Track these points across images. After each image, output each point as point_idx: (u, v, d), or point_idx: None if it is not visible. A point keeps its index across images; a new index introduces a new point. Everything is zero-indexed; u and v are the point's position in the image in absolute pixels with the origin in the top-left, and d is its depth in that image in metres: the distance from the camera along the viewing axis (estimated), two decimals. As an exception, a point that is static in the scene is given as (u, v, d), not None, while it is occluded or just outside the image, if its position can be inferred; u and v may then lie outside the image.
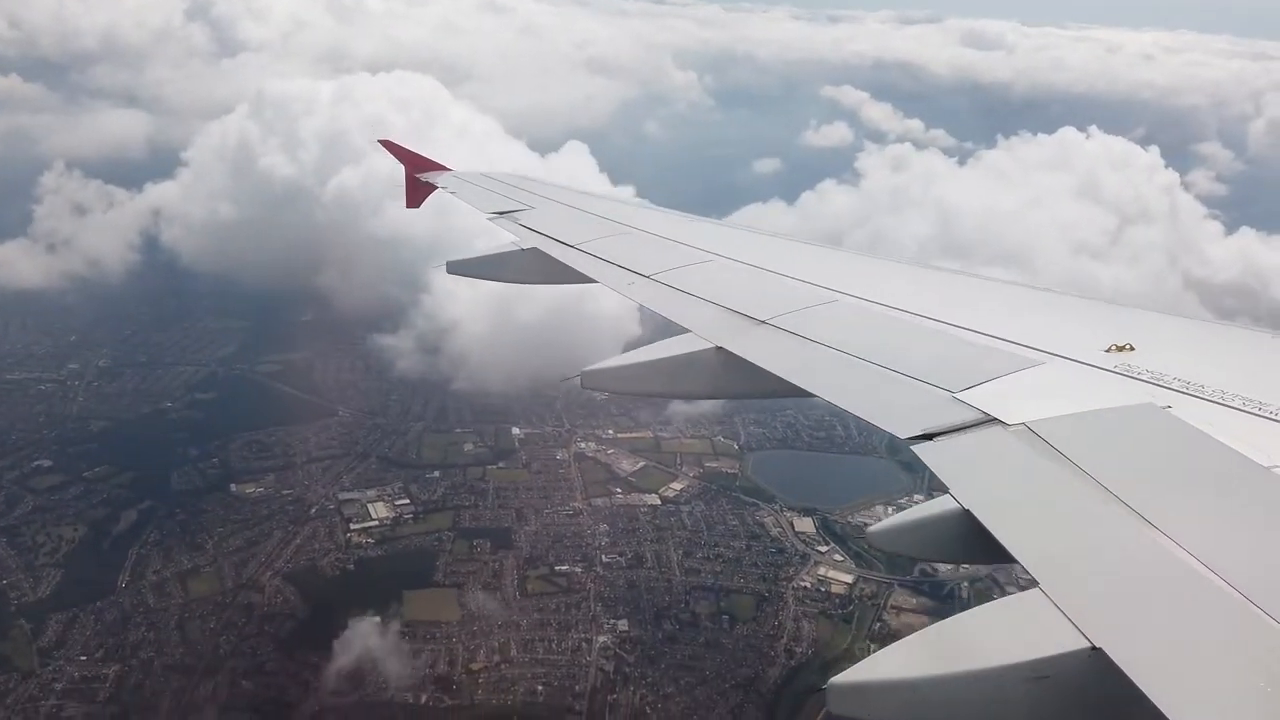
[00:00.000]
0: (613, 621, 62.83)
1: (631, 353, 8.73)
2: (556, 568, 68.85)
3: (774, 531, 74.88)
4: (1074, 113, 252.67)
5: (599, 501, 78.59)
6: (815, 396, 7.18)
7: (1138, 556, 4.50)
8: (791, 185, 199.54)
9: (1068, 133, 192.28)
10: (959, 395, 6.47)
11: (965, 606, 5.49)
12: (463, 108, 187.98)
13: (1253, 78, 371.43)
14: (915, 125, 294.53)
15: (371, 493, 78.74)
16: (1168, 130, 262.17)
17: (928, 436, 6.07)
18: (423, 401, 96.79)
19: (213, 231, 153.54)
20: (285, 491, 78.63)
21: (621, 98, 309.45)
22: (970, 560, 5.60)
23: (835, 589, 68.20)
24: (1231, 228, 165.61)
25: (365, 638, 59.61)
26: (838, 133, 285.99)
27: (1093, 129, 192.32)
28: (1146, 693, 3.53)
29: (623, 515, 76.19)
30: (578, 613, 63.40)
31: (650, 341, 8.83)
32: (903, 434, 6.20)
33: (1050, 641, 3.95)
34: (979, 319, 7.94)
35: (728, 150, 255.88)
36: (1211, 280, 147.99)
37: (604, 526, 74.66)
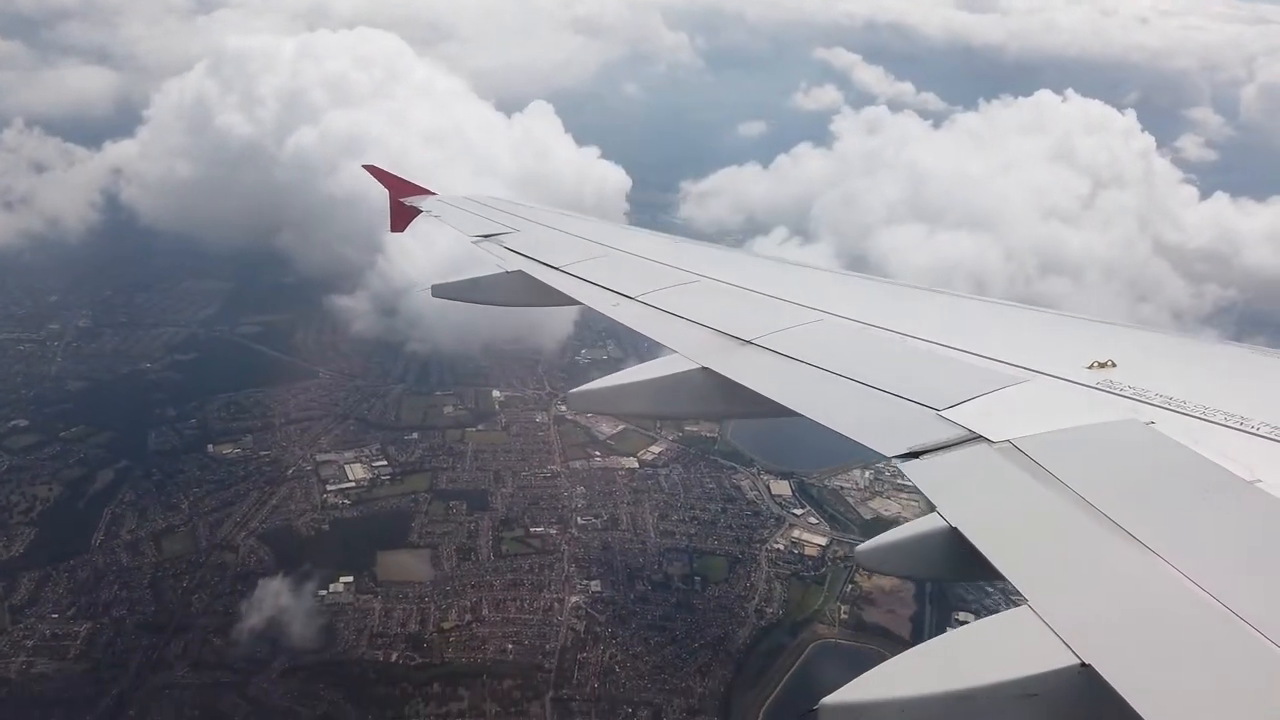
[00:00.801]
0: (585, 582, 63.13)
1: (617, 374, 8.73)
2: (532, 529, 69.03)
3: (750, 495, 75.13)
4: (1066, 76, 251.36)
5: (577, 464, 78.69)
6: (802, 416, 7.16)
7: (1125, 573, 4.53)
8: (774, 149, 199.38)
9: (1044, 96, 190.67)
10: (944, 413, 6.49)
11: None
12: (428, 66, 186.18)
13: (1249, 42, 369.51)
14: (906, 89, 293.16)
15: (349, 454, 78.71)
16: (1160, 94, 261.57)
17: (914, 454, 6.08)
18: (403, 364, 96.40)
19: (171, 191, 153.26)
20: (263, 453, 78.61)
21: (605, 59, 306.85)
22: (959, 578, 5.83)
23: (809, 551, 68.53)
24: (1227, 193, 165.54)
25: (338, 596, 59.96)
26: (827, 96, 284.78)
27: (1069, 92, 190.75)
28: (1136, 709, 3.54)
29: (600, 478, 76.32)
30: (551, 573, 63.64)
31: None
32: (889, 452, 6.19)
33: (1040, 659, 3.95)
34: (963, 337, 7.97)
35: (714, 113, 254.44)
36: (1184, 246, 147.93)
37: (581, 489, 74.80)
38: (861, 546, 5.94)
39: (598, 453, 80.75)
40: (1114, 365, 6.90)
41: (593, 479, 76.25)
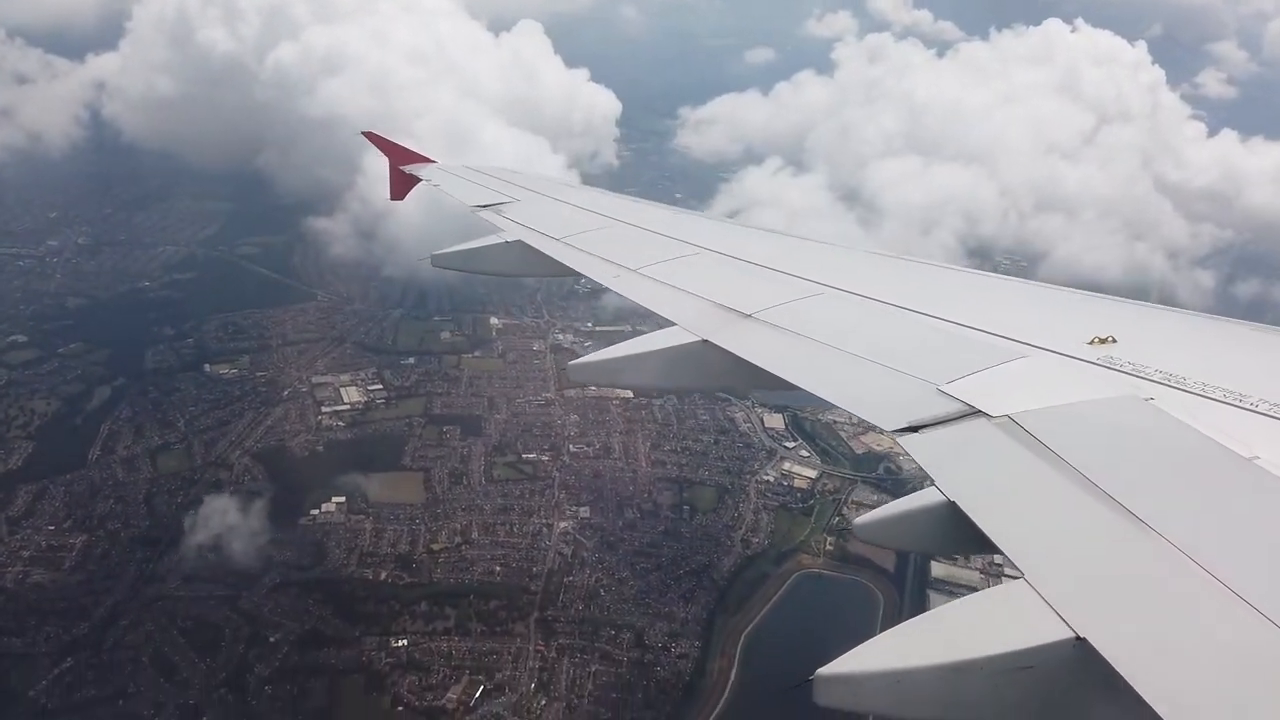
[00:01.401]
0: (575, 508, 63.80)
1: (617, 346, 8.64)
2: (524, 455, 69.57)
3: (744, 427, 75.38)
4: (1088, 5, 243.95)
5: (571, 393, 78.89)
6: (802, 390, 7.16)
7: (1122, 548, 4.56)
8: (780, 77, 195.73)
9: (1053, 25, 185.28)
10: (944, 388, 6.47)
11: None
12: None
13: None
14: (924, 16, 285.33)
15: (345, 377, 79.10)
16: (1183, 28, 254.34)
17: (913, 429, 6.06)
18: (401, 289, 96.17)
19: (154, 107, 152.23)
20: (259, 373, 79.05)
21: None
22: (956, 552, 5.71)
23: (798, 483, 69.02)
24: (1240, 131, 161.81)
25: (329, 516, 60.79)
26: (841, 22, 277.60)
27: (1079, 22, 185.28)
28: (1131, 682, 3.58)
29: (594, 407, 76.57)
30: (541, 499, 64.30)
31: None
32: (888, 426, 6.17)
33: (1035, 632, 3.99)
34: (963, 312, 7.95)
35: (721, 40, 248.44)
36: (1186, 185, 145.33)
37: (574, 417, 75.16)
38: (859, 519, 6.00)
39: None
40: (1114, 341, 6.89)
41: (587, 408, 76.52)
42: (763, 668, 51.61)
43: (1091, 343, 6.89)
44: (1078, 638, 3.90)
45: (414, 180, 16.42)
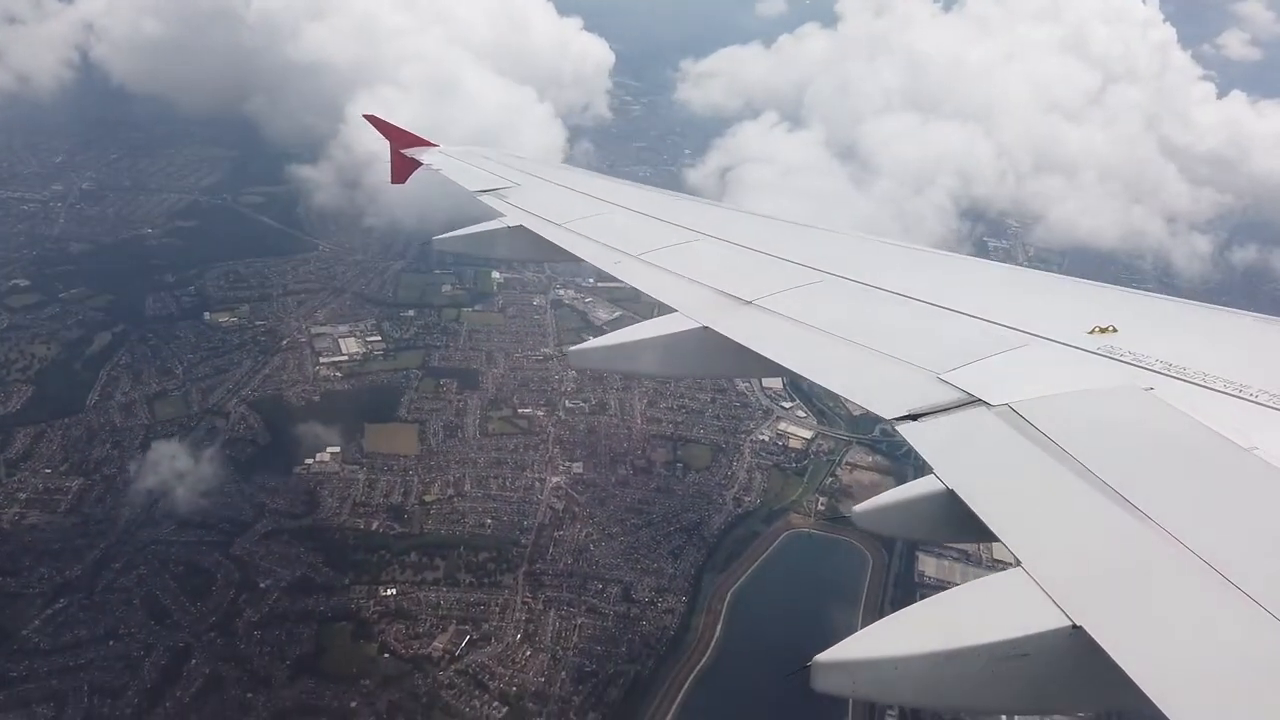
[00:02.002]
0: (568, 464, 63.98)
1: (618, 332, 8.78)
2: (520, 410, 69.71)
3: (741, 386, 75.15)
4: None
5: (570, 348, 78.54)
6: (802, 377, 7.28)
7: (1120, 537, 4.59)
8: (787, 29, 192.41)
9: None
10: (944, 376, 6.56)
11: (920, 470, 5.78)
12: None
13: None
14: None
15: (344, 328, 79.16)
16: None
17: (912, 417, 6.11)
18: (403, 241, 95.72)
19: (142, 50, 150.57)
20: (258, 322, 79.14)
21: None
22: (954, 540, 6.14)
23: (793, 444, 69.05)
24: (1249, 94, 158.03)
25: (323, 465, 61.17)
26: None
27: None
28: (1127, 670, 3.62)
29: (592, 363, 76.27)
30: (535, 454, 64.48)
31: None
32: (888, 414, 6.22)
33: (1031, 620, 4.05)
34: (964, 300, 7.99)
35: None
36: (1192, 148, 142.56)
37: (571, 373, 75.04)
38: (858, 507, 5.93)
39: (592, 338, 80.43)
40: (1115, 330, 6.92)
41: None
42: (747, 625, 52.03)
43: (1092, 332, 6.94)
44: (1074, 626, 3.95)
45: (415, 163, 16.40)
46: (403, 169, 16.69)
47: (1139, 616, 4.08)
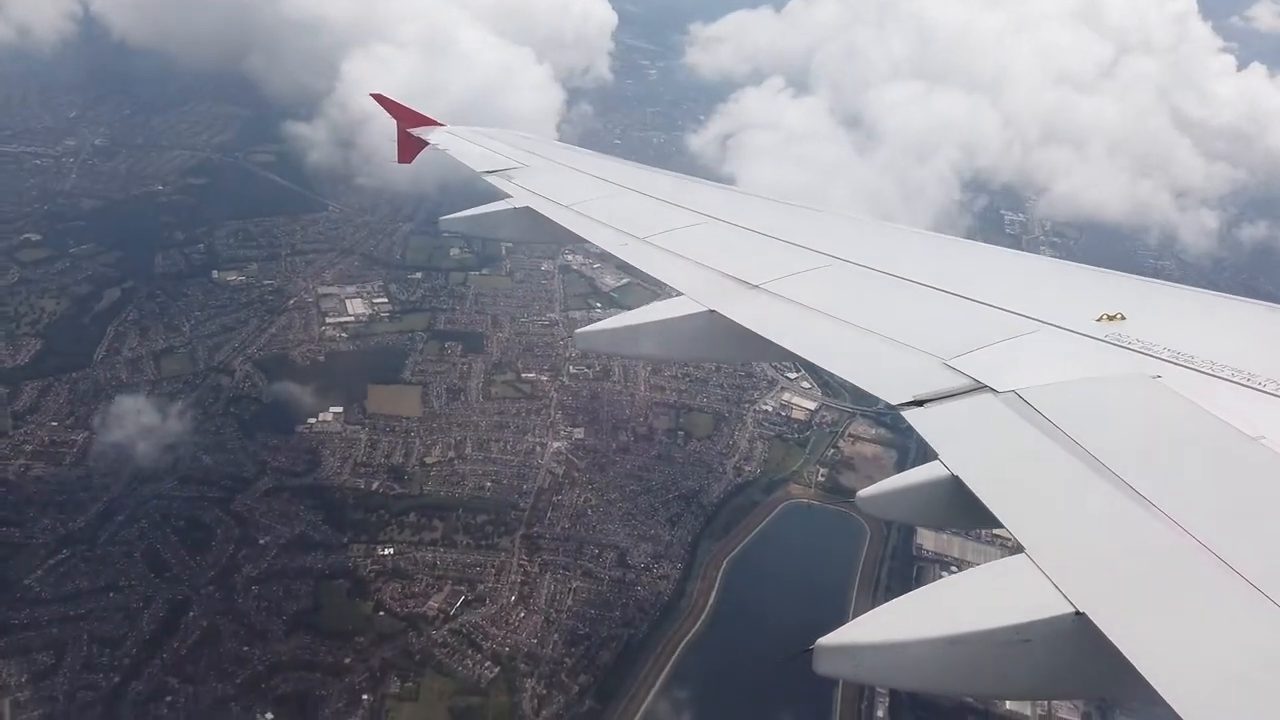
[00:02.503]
0: (570, 429, 64.10)
1: (625, 314, 8.82)
2: (523, 375, 69.77)
3: (746, 356, 74.73)
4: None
5: (576, 314, 78.70)
6: (808, 361, 7.31)
7: (1124, 525, 4.59)
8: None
9: None
10: (950, 362, 6.57)
11: (923, 446, 5.84)
12: None
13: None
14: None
15: (351, 289, 79.26)
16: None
17: (918, 403, 6.11)
18: (413, 204, 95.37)
19: (140, 4, 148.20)
20: (266, 281, 79.35)
21: None
22: (959, 526, 6.15)
23: (796, 414, 68.85)
24: (1268, 66, 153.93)
25: (326, 425, 61.52)
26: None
27: None
28: (1129, 658, 3.63)
29: (598, 329, 76.14)
30: (537, 419, 64.62)
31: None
32: (894, 400, 6.21)
33: (1035, 606, 4.07)
34: (972, 286, 7.98)
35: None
36: (1208, 122, 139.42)
37: (577, 339, 74.87)
38: (863, 491, 5.96)
39: (599, 304, 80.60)
40: (1123, 318, 6.91)
41: (590, 330, 76.12)
42: (742, 593, 52.22)
43: (1100, 319, 6.93)
44: (1077, 612, 3.96)
45: (421, 143, 16.41)
46: (409, 148, 16.75)
47: (1143, 604, 4.09)
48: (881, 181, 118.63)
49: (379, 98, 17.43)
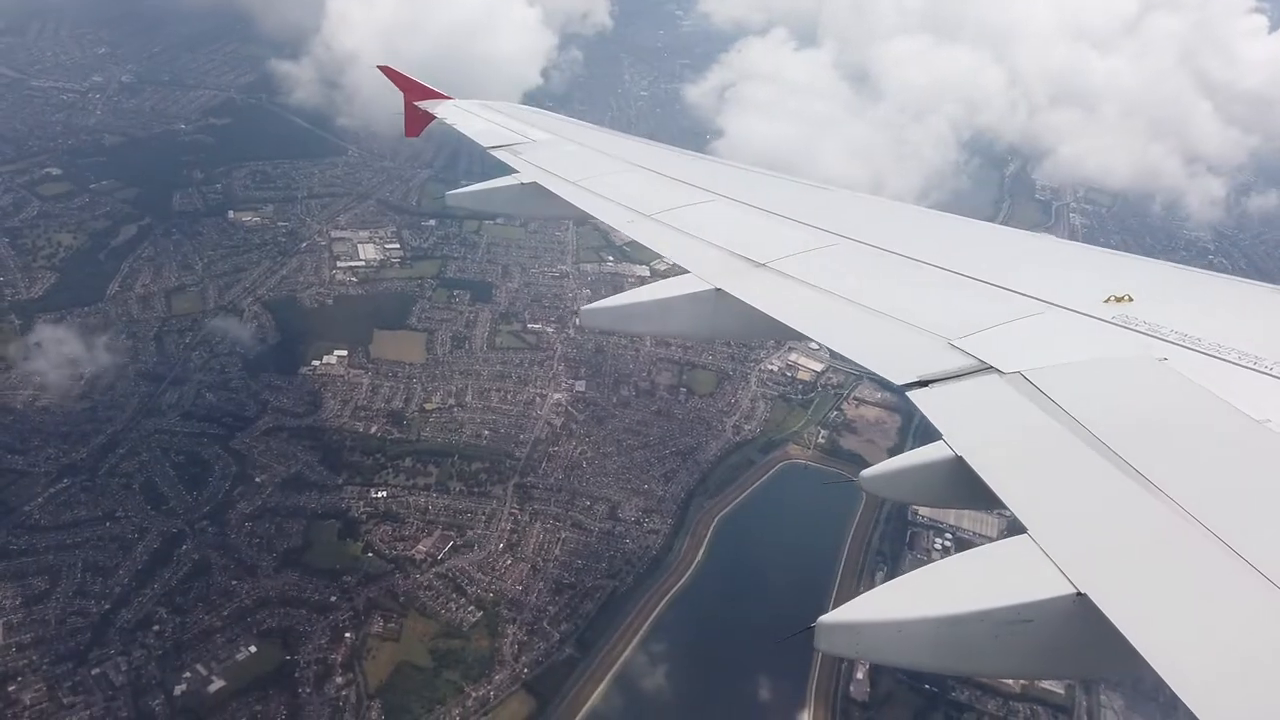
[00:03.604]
0: (571, 381, 64.09)
1: (631, 292, 8.82)
2: (529, 325, 69.77)
3: (756, 315, 74.09)
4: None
5: (588, 267, 78.38)
6: (813, 341, 7.37)
7: (1127, 507, 4.60)
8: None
9: None
10: (956, 342, 6.59)
11: (927, 423, 5.92)
12: None
13: None
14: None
15: (364, 234, 79.44)
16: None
17: (922, 383, 6.12)
18: (433, 150, 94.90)
19: None
20: (280, 223, 79.74)
21: None
22: (961, 505, 6.00)
23: (802, 375, 68.23)
24: None
25: (329, 368, 62.01)
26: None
27: None
28: (1130, 639, 3.66)
29: (609, 283, 75.95)
30: (539, 370, 64.66)
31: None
32: (898, 380, 6.24)
33: (1036, 586, 4.10)
34: (978, 265, 7.96)
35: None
36: (1232, 86, 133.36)
37: (586, 292, 74.73)
38: (866, 471, 5.93)
39: (611, 257, 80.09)
40: (1131, 300, 6.89)
41: (601, 283, 76.03)
42: (730, 551, 52.26)
43: (1108, 301, 6.92)
44: (1078, 593, 3.98)
45: (429, 117, 16.30)
46: (416, 122, 16.62)
47: (1144, 586, 4.09)
48: (877, 138, 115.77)
49: (386, 70, 17.33)
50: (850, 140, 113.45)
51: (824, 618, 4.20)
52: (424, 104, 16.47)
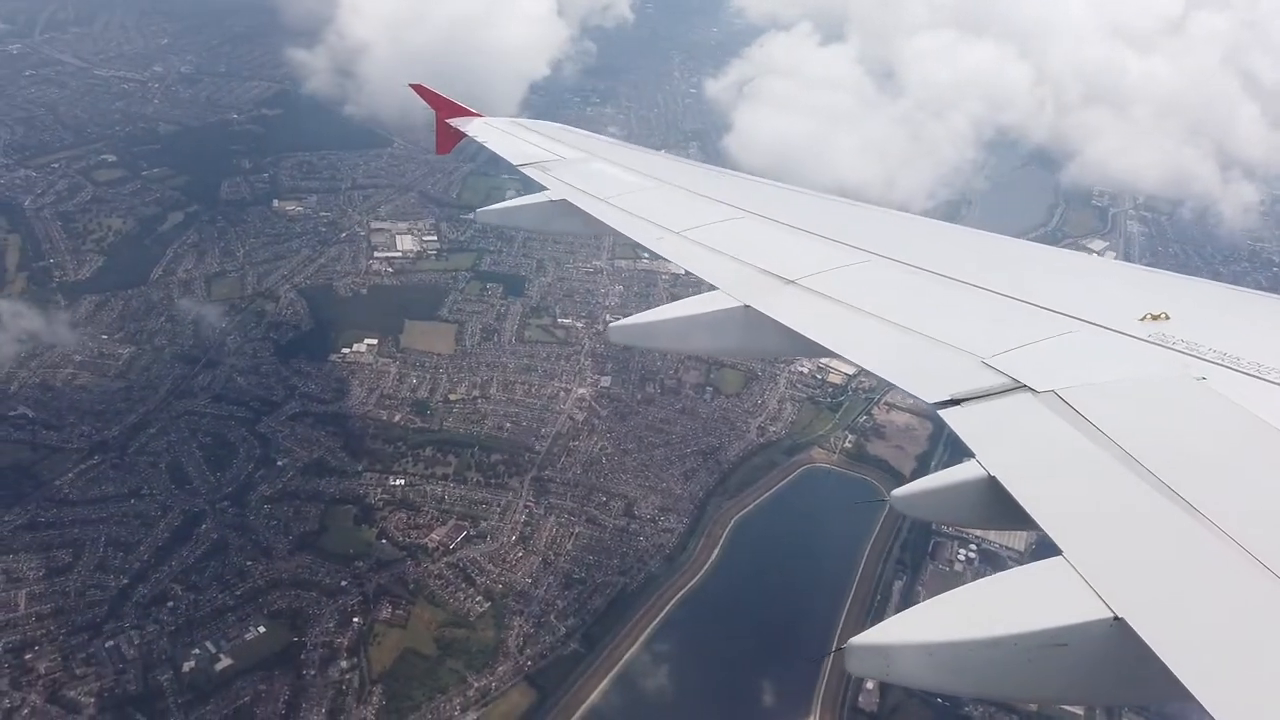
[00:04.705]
0: (597, 377, 64.00)
1: (659, 309, 8.78)
2: (559, 320, 69.91)
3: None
4: None
5: (622, 263, 78.23)
6: (843, 359, 7.29)
7: (1166, 530, 4.51)
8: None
9: None
10: (988, 360, 6.52)
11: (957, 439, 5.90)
12: None
13: None
14: None
15: (403, 225, 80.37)
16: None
17: (955, 402, 6.05)
18: (477, 144, 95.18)
19: None
20: (322, 213, 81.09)
21: None
22: (994, 526, 5.69)
23: (833, 378, 67.18)
24: None
25: (358, 356, 62.82)
26: None
27: None
28: (1169, 665, 3.54)
29: (641, 280, 75.88)
30: (566, 364, 64.70)
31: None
32: (930, 399, 6.18)
33: (1071, 610, 4.01)
34: (1011, 283, 7.87)
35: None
36: None
37: (619, 288, 74.75)
38: (897, 490, 5.91)
39: (646, 254, 79.39)
40: (1167, 318, 6.75)
41: (634, 280, 75.92)
42: (745, 553, 51.67)
43: (1143, 319, 6.79)
44: (1115, 618, 3.88)
45: (460, 134, 16.54)
46: (448, 139, 16.81)
47: (1184, 611, 3.97)
48: (895, 135, 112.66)
49: (418, 88, 17.48)
50: (866, 137, 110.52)
51: (855, 639, 4.13)
52: (455, 121, 16.63)
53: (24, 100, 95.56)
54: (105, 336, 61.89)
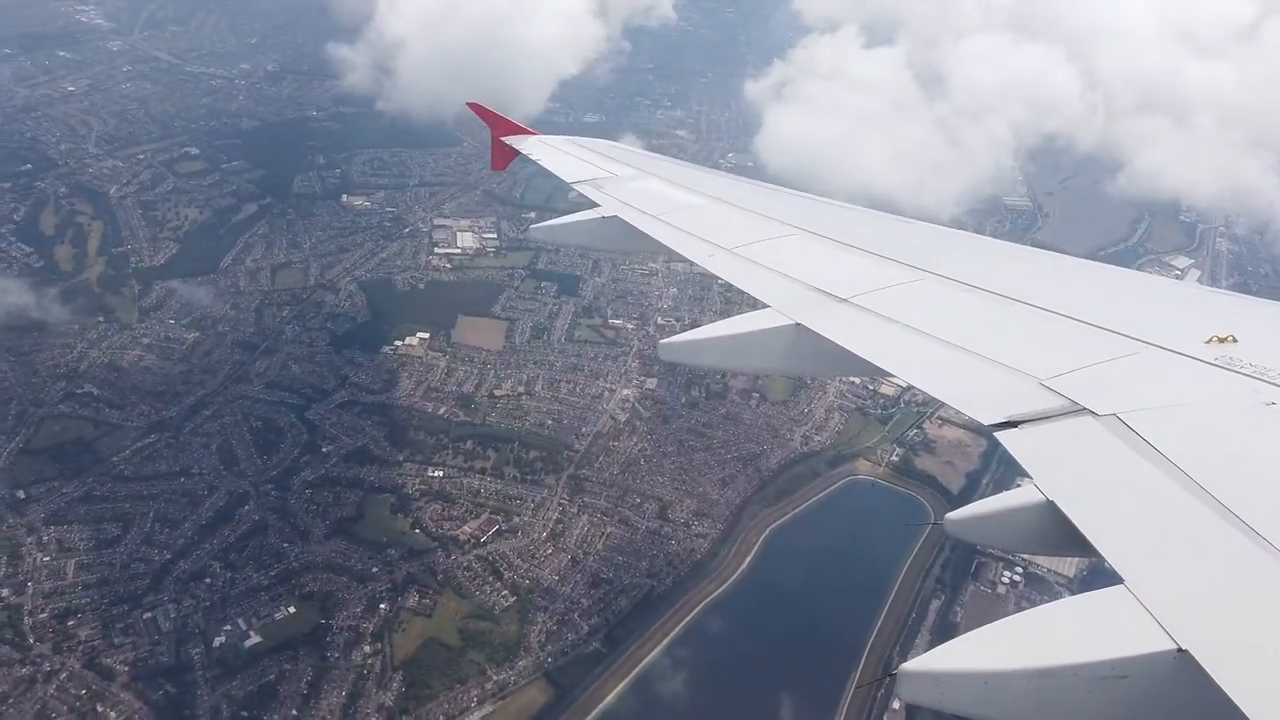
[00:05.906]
0: (642, 378, 63.92)
1: (709, 326, 8.86)
2: (610, 320, 70.07)
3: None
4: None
5: (679, 266, 77.77)
6: (896, 378, 7.30)
7: (1232, 559, 4.41)
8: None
9: None
10: (1047, 382, 6.44)
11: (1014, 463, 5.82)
12: None
13: None
14: None
15: (465, 223, 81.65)
16: None
17: (1012, 424, 6.02)
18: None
19: None
20: (388, 209, 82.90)
21: None
22: (1053, 553, 5.78)
23: (885, 389, 65.68)
24: None
25: (410, 349, 64.01)
26: None
27: None
28: (1235, 700, 3.47)
29: (696, 283, 75.43)
30: (613, 365, 64.80)
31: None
32: (987, 420, 6.16)
33: (1133, 641, 3.94)
34: (1071, 303, 7.69)
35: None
36: None
37: (673, 290, 74.52)
38: (951, 515, 5.82)
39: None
40: (1235, 341, 6.57)
41: (689, 283, 75.54)
42: (778, 563, 50.94)
43: (1209, 341, 6.61)
44: (1179, 650, 3.77)
45: (515, 152, 16.98)
46: (503, 156, 17.18)
47: (1251, 645, 3.84)
48: (928, 141, 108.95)
49: (475, 107, 17.85)
50: (899, 141, 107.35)
51: (906, 665, 4.04)
52: (510, 139, 17.00)
53: (119, 95, 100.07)
54: (173, 321, 64.39)
